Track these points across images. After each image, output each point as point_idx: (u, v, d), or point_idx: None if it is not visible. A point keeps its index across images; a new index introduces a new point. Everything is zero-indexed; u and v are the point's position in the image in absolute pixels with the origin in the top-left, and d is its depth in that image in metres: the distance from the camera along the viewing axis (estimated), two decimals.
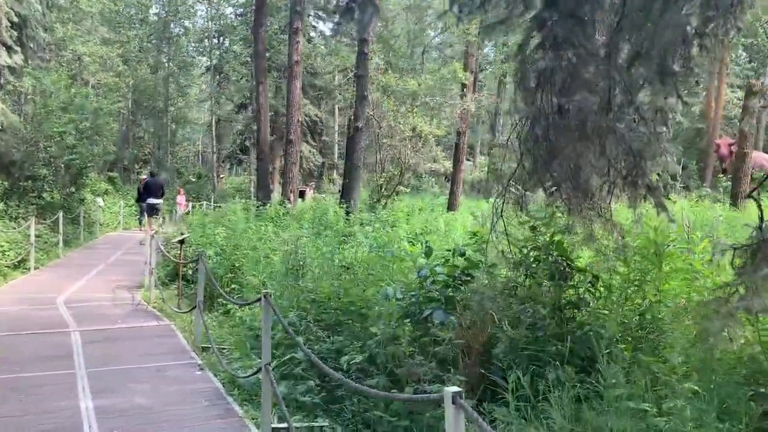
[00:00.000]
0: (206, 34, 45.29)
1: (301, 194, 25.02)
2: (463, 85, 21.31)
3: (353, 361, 5.86)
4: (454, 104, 20.77)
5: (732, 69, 37.70)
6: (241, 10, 42.94)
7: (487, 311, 5.57)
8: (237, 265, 11.08)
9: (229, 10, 44.93)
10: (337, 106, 51.93)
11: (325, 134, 49.41)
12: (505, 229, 5.63)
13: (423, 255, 6.25)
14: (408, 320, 5.64)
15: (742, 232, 12.20)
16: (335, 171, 52.68)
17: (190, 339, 8.86)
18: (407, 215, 16.14)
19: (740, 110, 36.26)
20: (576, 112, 3.80)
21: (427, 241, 6.24)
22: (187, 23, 46.11)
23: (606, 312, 6.03)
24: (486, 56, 36.32)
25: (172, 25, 44.87)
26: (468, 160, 37.29)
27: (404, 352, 5.25)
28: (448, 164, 21.83)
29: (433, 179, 32.43)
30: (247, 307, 9.31)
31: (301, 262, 8.60)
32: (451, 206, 22.28)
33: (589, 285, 6.35)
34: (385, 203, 18.50)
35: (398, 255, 8.18)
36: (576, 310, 6.05)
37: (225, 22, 43.59)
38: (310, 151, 40.11)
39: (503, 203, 5.37)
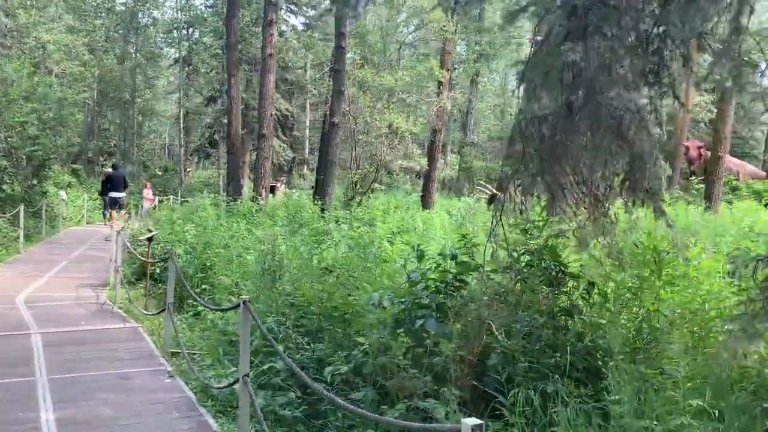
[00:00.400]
0: (175, 25, 44.30)
1: (272, 189, 24.50)
2: (440, 83, 21.03)
3: (338, 372, 5.48)
4: (431, 102, 20.47)
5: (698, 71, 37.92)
6: (212, 1, 42.09)
7: (484, 320, 5.24)
8: (208, 264, 10.61)
9: (199, 1, 44.08)
10: (308, 101, 51.37)
11: (296, 129, 48.85)
12: (504, 234, 5.29)
13: (414, 258, 5.88)
14: (399, 329, 5.27)
15: (725, 235, 12.13)
16: (305, 166, 52.15)
17: (158, 343, 8.39)
18: (383, 213, 15.78)
19: (707, 113, 36.67)
20: (603, 110, 3.47)
21: (419, 245, 5.88)
22: (155, 13, 45.05)
23: (603, 321, 5.75)
24: (458, 54, 36.11)
25: (140, 15, 43.79)
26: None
27: (396, 363, 4.88)
28: (423, 162, 21.51)
29: (408, 177, 32.17)
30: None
31: (278, 263, 8.17)
32: (425, 204, 22.00)
33: (584, 292, 6.07)
34: (360, 200, 18.12)
35: (380, 256, 7.82)
36: (568, 318, 5.75)
37: (195, 13, 42.66)
38: (280, 146, 39.52)
39: (503, 206, 5.03)
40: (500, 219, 5.02)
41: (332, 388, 5.43)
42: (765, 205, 18.85)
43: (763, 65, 4.80)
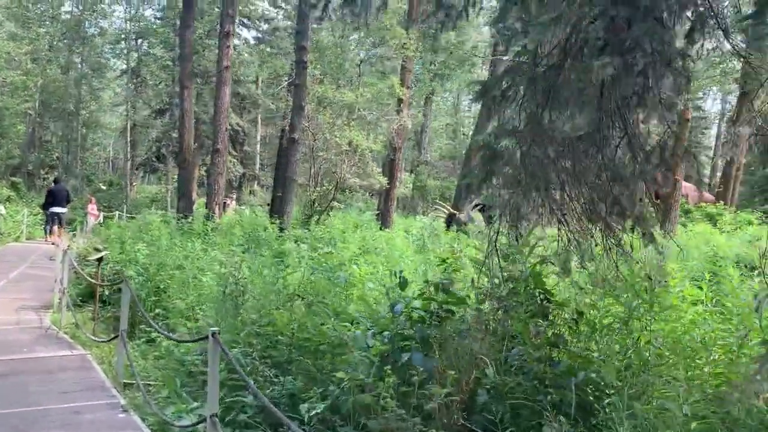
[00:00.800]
0: (124, 35, 43.19)
1: (222, 206, 23.86)
2: (400, 101, 20.83)
3: (314, 411, 5.05)
4: (391, 119, 20.24)
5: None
6: (161, 14, 41.22)
7: (476, 355, 4.90)
8: (162, 287, 10.04)
9: (149, 12, 43.11)
10: (260, 116, 50.72)
11: (246, 144, 48.14)
12: (499, 260, 4.98)
13: (396, 286, 5.52)
14: (385, 366, 4.88)
15: (689, 260, 12.14)
16: (256, 182, 51.42)
17: (110, 373, 7.79)
18: (343, 232, 15.39)
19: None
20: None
21: (401, 272, 5.53)
22: (103, 23, 43.89)
23: (594, 354, 5.48)
24: (414, 73, 36.08)
25: (86, 24, 42.56)
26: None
27: (381, 404, 4.49)
28: (383, 180, 21.20)
29: (367, 194, 31.90)
30: (177, 335, 8.38)
31: (242, 288, 7.71)
32: (384, 223, 21.68)
33: (573, 322, 5.80)
34: (318, 219, 17.70)
35: (351, 281, 7.43)
36: (555, 350, 5.46)
37: (145, 24, 41.68)
38: (231, 161, 38.77)
39: (498, 233, 4.72)
40: (496, 244, 4.70)
41: (309, 428, 5.01)
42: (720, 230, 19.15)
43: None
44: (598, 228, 4.92)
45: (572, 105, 3.51)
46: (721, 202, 27.30)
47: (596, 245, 5.30)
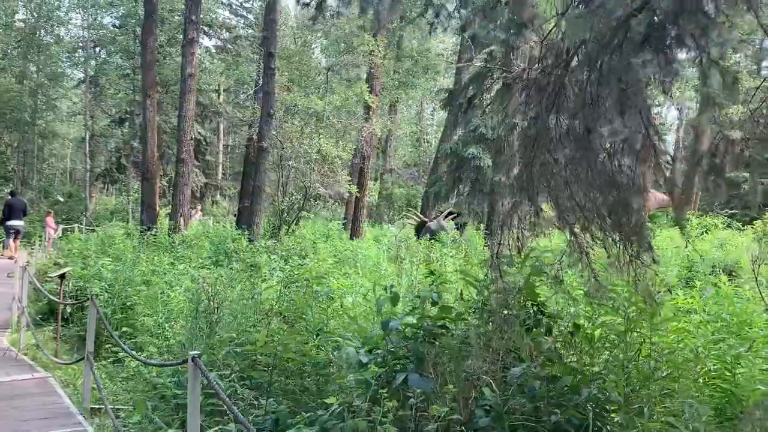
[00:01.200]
0: (81, 43, 42.10)
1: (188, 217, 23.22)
2: (368, 108, 20.56)
3: None
4: (360, 127, 19.94)
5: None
6: (118, 22, 40.26)
7: (475, 374, 4.61)
8: (128, 303, 9.55)
9: (107, 19, 42.07)
10: (221, 125, 50.05)
11: (208, 154, 47.44)
12: (500, 272, 4.69)
13: (387, 301, 5.19)
14: (382, 389, 4.55)
15: (667, 266, 12.07)
16: (219, 193, 50.68)
17: (75, 397, 7.30)
18: (314, 243, 15.00)
19: None
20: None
21: (391, 286, 5.21)
22: (59, 31, 42.67)
23: (595, 369, 5.23)
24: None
25: (42, 33, 41.37)
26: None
27: (379, 430, 4.16)
28: (354, 188, 20.85)
29: (336, 203, 31.51)
30: (145, 356, 7.95)
31: (216, 305, 7.30)
32: (354, 232, 21.33)
33: (569, 335, 5.54)
34: (288, 229, 17.27)
35: (333, 296, 7.09)
36: (553, 366, 5.19)
37: (103, 32, 40.68)
38: (193, 171, 38.07)
39: (500, 244, 4.44)
40: (498, 253, 4.42)
41: None
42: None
43: None
44: (609, 236, 4.66)
45: (612, 107, 3.23)
46: (686, 207, 27.53)
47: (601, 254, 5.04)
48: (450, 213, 21.77)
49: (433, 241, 16.53)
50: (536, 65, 4.79)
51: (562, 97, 3.67)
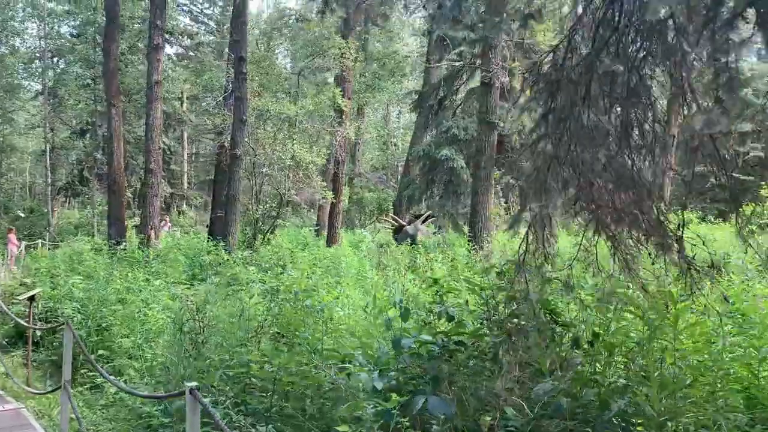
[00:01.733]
0: (38, 54, 40.88)
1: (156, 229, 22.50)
2: (341, 112, 20.15)
3: None
4: (333, 131, 19.51)
5: None
6: (76, 31, 39.16)
7: (498, 393, 4.24)
8: (104, 324, 9.01)
9: (65, 28, 40.95)
10: (186, 133, 49.17)
11: (174, 163, 46.58)
12: (527, 281, 4.33)
13: (398, 317, 4.80)
14: (402, 417, 4.15)
15: None
16: (185, 203, 49.70)
17: (52, 429, 6.77)
18: (292, 252, 14.54)
19: None
20: None
21: (401, 300, 4.83)
22: (15, 41, 41.36)
23: (623, 381, 4.90)
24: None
25: None
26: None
27: None
28: (329, 194, 20.40)
29: (311, 210, 31.05)
30: (124, 380, 7.46)
31: (201, 324, 6.84)
32: (331, 239, 20.87)
33: (588, 345, 5.21)
34: (264, 239, 16.77)
35: (326, 310, 6.67)
36: (578, 379, 4.85)
37: (61, 42, 39.54)
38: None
39: (526, 252, 4.08)
40: (524, 261, 4.06)
41: None
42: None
43: None
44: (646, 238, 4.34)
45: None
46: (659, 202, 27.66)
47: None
48: (429, 216, 21.47)
49: (414, 246, 16.16)
50: (551, 57, 4.45)
51: (593, 89, 3.36)
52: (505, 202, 23.05)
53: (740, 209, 5.70)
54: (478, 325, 4.93)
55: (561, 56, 4.40)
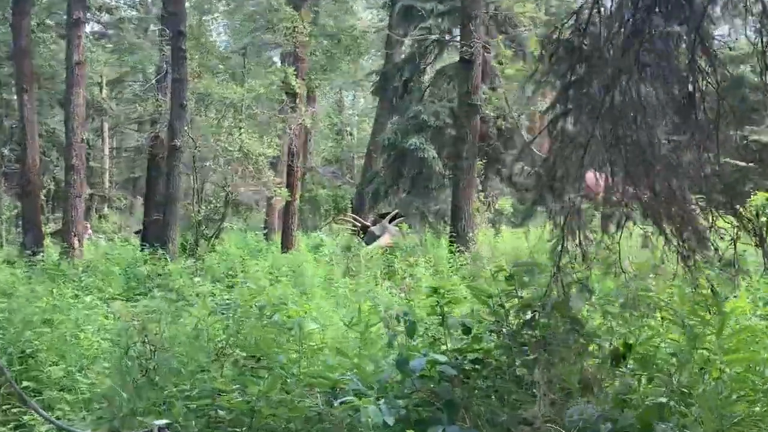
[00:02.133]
0: None
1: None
2: (294, 95, 19.81)
3: None
4: (286, 118, 19.17)
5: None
6: None
7: (527, 419, 4.09)
8: (28, 351, 8.63)
9: None
10: (106, 125, 48.16)
11: (93, 159, 45.58)
12: (563, 285, 4.19)
13: (404, 334, 4.61)
14: None
15: None
16: (107, 205, 48.70)
17: None
18: (243, 260, 14.25)
19: None
20: None
21: (406, 314, 4.64)
22: None
23: (660, 399, 4.80)
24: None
25: None
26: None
27: None
28: (285, 192, 20.07)
29: (262, 210, 30.63)
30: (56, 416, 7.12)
31: (152, 347, 6.57)
32: (286, 243, 20.54)
33: (620, 357, 5.10)
34: (208, 245, 16.41)
35: (305, 328, 6.44)
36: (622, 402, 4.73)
37: None
38: None
39: (561, 252, 3.93)
40: (559, 262, 3.90)
41: None
42: None
43: None
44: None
45: None
46: None
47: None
48: (396, 215, 21.33)
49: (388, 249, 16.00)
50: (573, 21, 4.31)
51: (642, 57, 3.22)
52: (485, 197, 23.00)
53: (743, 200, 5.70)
54: (494, 340, 4.77)
55: (585, 19, 4.28)
